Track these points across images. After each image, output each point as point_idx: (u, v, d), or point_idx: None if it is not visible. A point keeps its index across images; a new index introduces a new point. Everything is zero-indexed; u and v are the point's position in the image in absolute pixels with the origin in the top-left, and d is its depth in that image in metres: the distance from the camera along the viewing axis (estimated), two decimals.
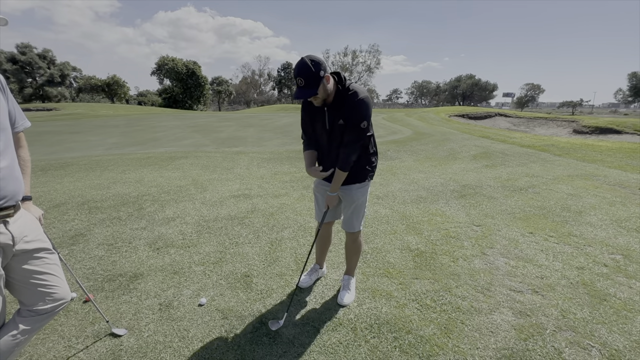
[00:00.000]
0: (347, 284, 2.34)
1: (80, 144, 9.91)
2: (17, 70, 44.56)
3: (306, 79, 1.71)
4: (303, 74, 1.71)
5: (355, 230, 2.21)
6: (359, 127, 1.85)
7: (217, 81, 63.54)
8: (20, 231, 1.29)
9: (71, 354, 1.80)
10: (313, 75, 1.71)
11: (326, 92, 1.80)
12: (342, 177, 1.95)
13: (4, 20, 1.31)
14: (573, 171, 5.99)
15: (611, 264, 2.77)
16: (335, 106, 1.87)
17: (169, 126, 14.78)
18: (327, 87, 1.79)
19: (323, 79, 1.75)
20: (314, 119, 1.98)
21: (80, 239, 3.18)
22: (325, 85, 1.78)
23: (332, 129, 1.91)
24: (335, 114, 1.87)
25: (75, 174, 5.65)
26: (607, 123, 15.16)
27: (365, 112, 1.83)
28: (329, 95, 1.84)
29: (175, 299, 2.28)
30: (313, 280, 2.50)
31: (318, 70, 1.71)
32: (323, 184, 2.17)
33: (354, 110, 1.82)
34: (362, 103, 1.82)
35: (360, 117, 1.83)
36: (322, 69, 1.73)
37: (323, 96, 1.81)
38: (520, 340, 1.91)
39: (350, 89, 1.84)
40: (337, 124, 1.87)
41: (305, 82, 1.72)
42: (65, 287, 1.46)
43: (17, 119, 1.41)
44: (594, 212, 3.92)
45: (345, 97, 1.83)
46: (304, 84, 1.73)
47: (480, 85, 76.23)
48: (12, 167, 1.28)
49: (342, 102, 1.84)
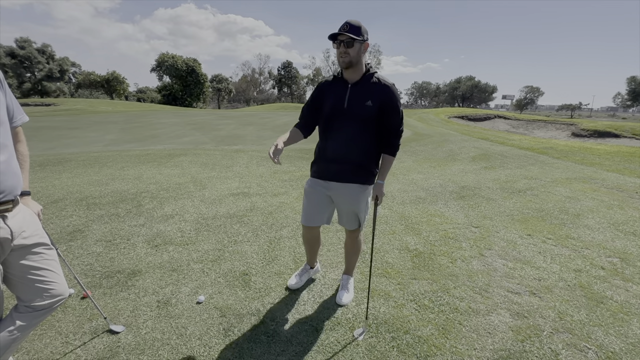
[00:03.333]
0: (345, 284, 2.32)
1: (78, 139, 9.87)
2: (15, 65, 44.31)
3: (352, 26, 1.71)
4: (352, 22, 1.73)
5: (358, 227, 2.14)
6: (400, 112, 1.87)
7: (217, 79, 63.35)
8: (19, 226, 1.29)
9: (68, 350, 1.79)
10: (359, 29, 1.72)
11: (358, 55, 1.77)
12: (391, 163, 1.96)
13: None
14: (571, 174, 6.01)
15: (608, 266, 2.78)
16: (361, 86, 1.84)
17: (168, 123, 14.74)
18: (361, 52, 1.77)
19: (363, 42, 1.76)
20: (330, 100, 1.89)
21: (79, 235, 3.17)
22: (362, 49, 1.77)
23: (351, 109, 1.83)
24: (362, 93, 1.83)
25: (74, 169, 5.62)
26: (605, 127, 15.23)
27: (399, 98, 1.88)
28: (357, 64, 1.79)
29: (173, 296, 2.28)
30: (304, 282, 2.43)
31: (363, 31, 1.74)
32: (318, 184, 2.05)
33: (393, 94, 1.83)
34: (395, 88, 1.86)
35: (398, 101, 1.86)
36: (366, 33, 1.76)
37: (354, 55, 1.75)
38: (517, 342, 1.92)
39: (380, 75, 1.87)
40: (363, 104, 1.81)
41: (350, 28, 1.71)
42: (63, 283, 1.45)
43: (15, 113, 1.40)
44: (591, 215, 3.94)
45: (374, 81, 1.83)
46: (349, 28, 1.71)
47: (480, 87, 76.38)
48: (10, 161, 1.27)
49: (371, 85, 1.83)
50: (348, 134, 1.87)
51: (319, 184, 2.05)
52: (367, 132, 1.87)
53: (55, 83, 48.57)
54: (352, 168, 1.93)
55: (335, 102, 1.87)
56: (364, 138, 1.88)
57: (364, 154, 1.92)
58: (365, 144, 1.90)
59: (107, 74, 50.76)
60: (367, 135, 1.88)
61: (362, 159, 1.92)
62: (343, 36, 1.71)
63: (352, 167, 1.93)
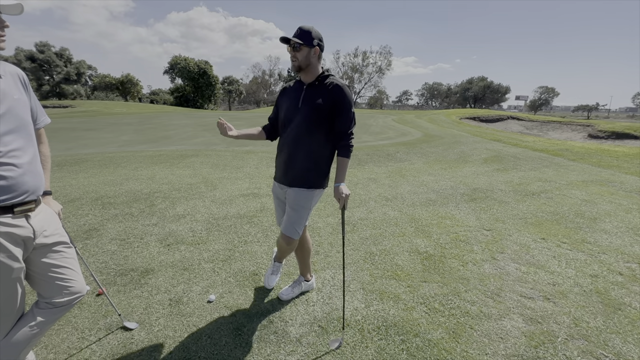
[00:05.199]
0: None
1: (94, 140, 10.14)
2: (35, 69, 45.87)
3: (302, 31, 1.79)
4: (303, 27, 1.80)
5: (292, 236, 1.97)
6: (351, 111, 1.88)
7: (228, 81, 64.17)
8: (41, 225, 1.34)
9: (84, 345, 1.84)
10: (308, 33, 1.79)
11: (307, 60, 1.82)
12: (346, 165, 1.92)
13: (20, 7, 1.24)
14: (588, 177, 5.86)
15: (626, 272, 2.70)
16: (316, 87, 1.89)
17: (180, 124, 15.00)
18: (310, 56, 1.82)
19: (313, 47, 1.81)
20: (287, 101, 1.96)
21: (94, 233, 3.26)
22: (310, 54, 1.82)
23: (305, 108, 1.86)
24: (315, 92, 1.87)
25: (90, 170, 5.78)
26: (624, 128, 14.76)
27: (351, 99, 1.89)
28: (307, 67, 1.84)
29: (185, 295, 2.32)
30: (296, 294, 2.33)
31: (313, 36, 1.79)
32: (278, 186, 2.06)
33: (343, 93, 1.85)
34: (347, 90, 1.88)
35: (349, 102, 1.87)
36: (317, 39, 1.82)
37: (301, 59, 1.81)
38: (530, 348, 1.88)
39: (334, 77, 1.91)
40: (315, 102, 1.85)
41: (300, 33, 1.79)
42: (81, 280, 1.50)
43: (38, 115, 1.45)
44: (609, 219, 3.83)
45: (328, 82, 1.87)
46: (299, 33, 1.79)
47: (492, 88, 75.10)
48: (34, 162, 1.32)
49: (325, 85, 1.87)
50: (298, 134, 1.90)
51: (277, 186, 2.10)
52: (317, 134, 1.88)
53: (73, 85, 50.01)
54: (299, 172, 1.92)
55: (291, 102, 1.94)
56: (313, 139, 1.89)
57: (310, 156, 1.90)
58: (312, 145, 1.89)
59: (122, 77, 52.04)
60: (316, 136, 1.88)
61: (308, 162, 1.91)
62: (292, 40, 1.78)
63: (299, 170, 1.92)
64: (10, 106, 1.24)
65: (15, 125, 1.25)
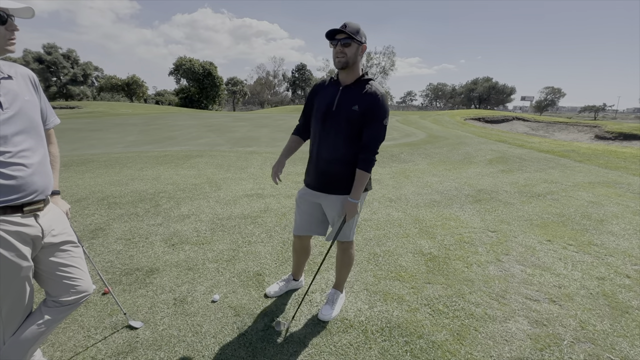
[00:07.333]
0: (332, 298, 2.15)
1: (100, 141, 10.24)
2: (42, 70, 46.52)
3: (350, 27, 1.67)
4: (350, 23, 1.69)
5: (347, 239, 2.01)
6: (382, 123, 1.75)
7: (232, 82, 64.50)
8: (49, 224, 1.36)
9: (90, 343, 1.86)
10: (357, 31, 1.68)
11: (355, 57, 1.72)
12: (365, 179, 1.79)
13: (31, 11, 1.26)
14: (594, 178, 5.79)
15: (634, 275, 2.67)
16: (353, 89, 1.78)
17: (185, 125, 15.10)
18: (358, 54, 1.73)
19: (361, 44, 1.72)
20: (321, 100, 1.86)
21: (100, 233, 3.29)
22: (359, 51, 1.73)
23: (339, 112, 1.78)
24: (351, 96, 1.77)
25: (96, 170, 5.84)
26: (631, 129, 14.58)
27: (386, 110, 1.77)
28: (352, 65, 1.74)
29: (189, 294, 2.33)
30: (284, 291, 2.35)
31: (362, 34, 1.71)
32: (308, 193, 1.99)
33: (379, 103, 1.73)
34: (385, 99, 1.75)
35: (384, 113, 1.75)
36: (364, 37, 1.73)
37: (350, 56, 1.70)
38: (536, 350, 1.87)
39: (374, 82, 1.81)
40: (350, 108, 1.75)
41: (348, 28, 1.67)
42: (88, 279, 1.52)
43: (48, 116, 1.48)
44: (616, 221, 3.78)
45: (366, 87, 1.77)
46: (346, 28, 1.66)
47: (497, 89, 74.66)
48: (44, 162, 1.34)
49: (362, 90, 1.76)
50: (334, 139, 1.81)
51: (309, 193, 2.00)
52: (354, 139, 1.79)
53: (79, 87, 50.62)
54: (337, 179, 1.86)
55: (325, 104, 1.83)
56: (349, 145, 1.80)
57: (348, 162, 1.82)
58: (350, 152, 1.81)
59: (128, 78, 52.54)
60: (351, 142, 1.80)
61: (347, 168, 1.83)
62: (341, 35, 1.68)
63: (337, 177, 1.86)
64: (21, 107, 1.26)
65: (26, 125, 1.27)
